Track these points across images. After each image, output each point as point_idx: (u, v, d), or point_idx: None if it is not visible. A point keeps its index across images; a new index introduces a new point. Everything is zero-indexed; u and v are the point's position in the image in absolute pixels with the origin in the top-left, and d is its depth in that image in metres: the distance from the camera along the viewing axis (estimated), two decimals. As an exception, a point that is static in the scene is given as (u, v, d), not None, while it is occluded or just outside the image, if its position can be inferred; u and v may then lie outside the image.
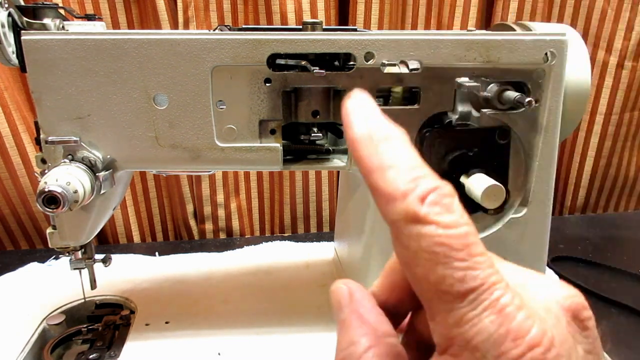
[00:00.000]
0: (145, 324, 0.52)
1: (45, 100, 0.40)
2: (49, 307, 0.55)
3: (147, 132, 0.42)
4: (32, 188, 0.82)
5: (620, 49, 0.91)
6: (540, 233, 0.49)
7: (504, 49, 0.42)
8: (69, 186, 0.38)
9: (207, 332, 0.51)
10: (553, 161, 0.47)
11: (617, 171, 1.03)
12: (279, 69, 0.42)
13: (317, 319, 0.53)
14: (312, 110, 0.43)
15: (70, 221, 0.44)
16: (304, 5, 0.80)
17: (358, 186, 0.51)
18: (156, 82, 0.41)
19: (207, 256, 0.69)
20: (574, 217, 1.01)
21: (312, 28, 0.42)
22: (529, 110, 0.44)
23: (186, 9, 0.79)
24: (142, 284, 0.60)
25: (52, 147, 0.41)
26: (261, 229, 0.98)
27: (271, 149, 0.43)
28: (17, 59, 0.40)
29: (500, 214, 0.48)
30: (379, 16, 0.85)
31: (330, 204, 0.95)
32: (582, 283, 0.69)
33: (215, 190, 0.90)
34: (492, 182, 0.43)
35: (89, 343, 0.51)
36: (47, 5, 0.41)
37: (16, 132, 0.79)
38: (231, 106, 0.42)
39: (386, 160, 0.19)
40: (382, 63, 0.41)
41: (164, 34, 0.40)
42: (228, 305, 0.56)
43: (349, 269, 0.57)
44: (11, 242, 0.88)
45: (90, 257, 0.48)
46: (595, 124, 0.98)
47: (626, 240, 0.87)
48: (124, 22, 0.81)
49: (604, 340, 0.22)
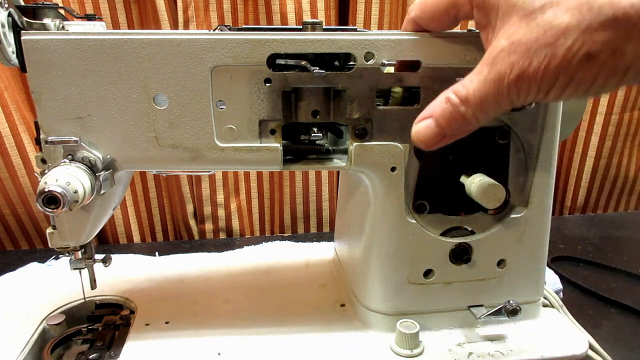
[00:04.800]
0: (145, 324, 0.52)
1: (45, 100, 0.40)
2: (49, 307, 0.55)
3: (147, 132, 0.42)
4: (32, 188, 0.82)
5: (620, 49, 0.91)
6: (540, 233, 0.49)
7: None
8: (69, 186, 0.38)
9: (207, 332, 0.51)
10: (553, 161, 0.47)
11: (617, 171, 1.03)
12: (279, 69, 0.42)
13: (317, 319, 0.53)
14: (312, 110, 0.43)
15: (70, 221, 0.44)
16: (304, 5, 0.80)
17: (358, 186, 0.51)
18: (156, 82, 0.41)
19: (207, 256, 0.69)
20: (574, 217, 1.01)
21: (312, 28, 0.42)
22: (529, 110, 0.44)
23: (186, 9, 0.79)
24: (142, 284, 0.60)
25: (52, 147, 0.41)
26: (261, 229, 0.98)
27: (271, 149, 0.43)
28: (17, 59, 0.40)
29: (500, 214, 0.48)
30: (379, 16, 0.85)
31: (330, 204, 0.95)
32: (582, 283, 0.69)
33: (215, 190, 0.90)
34: (492, 182, 0.44)
35: (89, 343, 0.51)
36: (47, 5, 0.41)
37: (16, 132, 0.79)
38: (231, 106, 0.42)
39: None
40: (382, 63, 0.41)
41: (164, 34, 0.40)
42: (228, 305, 0.56)
43: (349, 269, 0.57)
44: (11, 242, 0.88)
45: (90, 257, 0.48)
46: (595, 124, 0.98)
47: (626, 240, 0.87)
48: (124, 22, 0.81)
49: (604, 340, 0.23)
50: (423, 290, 0.49)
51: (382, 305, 0.50)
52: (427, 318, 0.50)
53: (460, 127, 0.35)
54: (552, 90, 0.31)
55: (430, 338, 0.49)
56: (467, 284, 0.50)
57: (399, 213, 0.47)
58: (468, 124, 0.34)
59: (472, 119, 0.34)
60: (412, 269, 0.49)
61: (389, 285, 0.49)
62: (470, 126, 0.35)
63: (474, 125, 0.35)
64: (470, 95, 0.33)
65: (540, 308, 0.53)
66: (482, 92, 0.33)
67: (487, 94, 0.32)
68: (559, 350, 0.47)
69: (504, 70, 0.31)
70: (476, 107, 0.33)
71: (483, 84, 0.32)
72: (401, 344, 0.47)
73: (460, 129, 0.35)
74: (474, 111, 0.33)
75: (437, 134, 0.35)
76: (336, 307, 0.56)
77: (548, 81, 0.30)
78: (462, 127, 0.35)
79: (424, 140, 0.36)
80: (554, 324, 0.52)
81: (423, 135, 0.36)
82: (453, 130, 0.35)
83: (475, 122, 0.34)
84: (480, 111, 0.33)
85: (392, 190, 0.46)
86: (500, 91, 0.32)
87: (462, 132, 0.35)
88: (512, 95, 0.32)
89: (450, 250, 0.48)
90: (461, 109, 0.34)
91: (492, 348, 0.48)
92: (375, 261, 0.49)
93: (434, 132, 0.35)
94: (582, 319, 0.53)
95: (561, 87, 0.30)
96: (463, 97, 0.33)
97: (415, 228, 0.47)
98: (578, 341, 0.49)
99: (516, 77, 0.31)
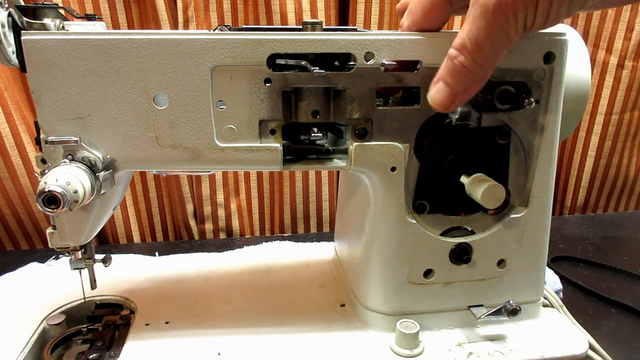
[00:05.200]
0: (145, 324, 0.52)
1: (45, 100, 0.40)
2: (49, 307, 0.55)
3: (147, 132, 0.42)
4: (32, 188, 0.82)
5: (621, 49, 0.91)
6: (540, 233, 0.49)
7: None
8: (69, 186, 0.38)
9: (207, 332, 0.51)
10: (553, 161, 0.47)
11: (617, 171, 1.03)
12: (279, 69, 0.42)
13: (317, 319, 0.53)
14: (312, 110, 0.43)
15: (70, 221, 0.44)
16: (304, 5, 0.80)
17: (358, 186, 0.51)
18: (156, 82, 0.41)
19: (207, 256, 0.69)
20: (574, 217, 1.01)
21: (312, 28, 0.42)
22: (529, 110, 0.44)
23: (186, 9, 0.79)
24: (142, 284, 0.60)
25: (52, 147, 0.41)
26: (261, 229, 0.98)
27: (271, 149, 0.43)
28: (17, 59, 0.40)
29: (500, 214, 0.48)
30: (379, 16, 0.85)
31: (330, 204, 0.95)
32: (582, 283, 0.69)
33: (215, 190, 0.90)
34: (492, 182, 0.44)
35: (89, 343, 0.51)
36: (47, 5, 0.41)
37: (16, 132, 0.79)
38: (231, 106, 0.42)
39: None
40: (382, 63, 0.41)
41: (164, 34, 0.40)
42: (228, 305, 0.56)
43: (349, 269, 0.57)
44: (11, 242, 0.88)
45: (90, 257, 0.48)
46: (595, 124, 0.98)
47: (626, 240, 0.87)
48: (124, 22, 0.81)
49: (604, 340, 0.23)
50: (423, 290, 0.49)
51: (382, 305, 0.50)
52: (427, 318, 0.50)
53: (466, 78, 0.35)
54: (539, 3, 0.31)
55: (430, 338, 0.49)
56: (467, 284, 0.50)
57: (399, 213, 0.47)
58: (471, 73, 0.35)
59: (472, 65, 0.34)
60: (412, 269, 0.49)
61: (389, 285, 0.49)
62: (475, 75, 0.35)
63: (479, 74, 0.35)
64: (464, 40, 0.34)
65: (540, 308, 0.53)
66: (474, 31, 0.33)
67: (479, 32, 0.33)
68: (559, 350, 0.47)
69: (485, 1, 0.32)
70: (473, 50, 0.34)
71: (472, 23, 0.33)
72: (401, 344, 0.47)
73: (467, 81, 0.36)
74: (472, 56, 0.34)
75: (449, 94, 0.36)
76: (336, 307, 0.56)
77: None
78: (467, 78, 0.35)
79: (439, 103, 0.37)
80: (554, 324, 0.52)
81: (437, 98, 0.37)
82: (461, 85, 0.36)
83: (478, 68, 0.35)
84: (477, 53, 0.34)
85: (392, 190, 0.46)
86: (489, 23, 0.33)
87: (471, 86, 0.36)
88: (500, 22, 0.33)
89: (450, 250, 0.48)
90: (460, 60, 0.35)
91: (492, 348, 0.48)
92: (375, 261, 0.49)
93: (445, 93, 0.36)
94: (582, 319, 0.53)
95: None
96: (459, 45, 0.34)
97: (415, 228, 0.47)
98: (578, 341, 0.49)
99: (498, 1, 0.32)
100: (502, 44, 0.34)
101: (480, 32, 0.33)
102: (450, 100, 0.37)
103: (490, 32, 0.33)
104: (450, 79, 0.36)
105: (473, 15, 0.33)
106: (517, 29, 0.33)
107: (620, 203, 1.07)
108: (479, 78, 0.36)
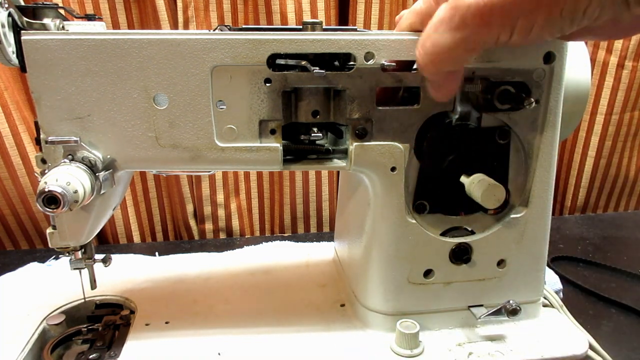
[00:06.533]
0: (145, 324, 0.52)
1: (45, 100, 0.40)
2: (49, 307, 0.55)
3: (147, 132, 0.42)
4: (32, 188, 0.82)
5: (621, 49, 0.91)
6: (540, 233, 0.49)
7: (504, 49, 0.42)
8: (69, 186, 0.38)
9: (207, 332, 0.51)
10: (553, 161, 0.47)
11: (617, 171, 1.03)
12: (279, 69, 0.42)
13: (317, 319, 0.53)
14: (312, 110, 0.43)
15: (70, 221, 0.44)
16: (304, 5, 0.80)
17: (358, 186, 0.51)
18: (156, 82, 0.41)
19: (207, 256, 0.69)
20: (574, 217, 1.01)
21: (312, 28, 0.42)
22: (529, 110, 0.44)
23: (186, 9, 0.79)
24: (142, 284, 0.60)
25: (52, 147, 0.41)
26: (261, 229, 0.98)
27: (271, 149, 0.43)
28: (17, 59, 0.40)
29: (500, 214, 0.48)
30: (379, 16, 0.85)
31: (330, 204, 0.95)
32: (582, 283, 0.69)
33: (215, 190, 0.90)
34: (492, 182, 0.44)
35: (89, 343, 0.51)
36: (47, 5, 0.41)
37: (16, 132, 0.79)
38: (231, 106, 0.42)
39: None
40: (382, 63, 0.41)
41: (164, 34, 0.40)
42: (228, 305, 0.56)
43: (349, 269, 0.57)
44: (11, 242, 0.88)
45: (90, 257, 0.48)
46: (595, 124, 0.98)
47: (626, 240, 0.87)
48: (124, 22, 0.81)
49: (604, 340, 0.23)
50: (423, 290, 0.49)
51: (382, 305, 0.50)
52: (427, 318, 0.50)
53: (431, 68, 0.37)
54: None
55: (430, 338, 0.49)
56: (467, 284, 0.50)
57: (399, 213, 0.47)
58: (427, 64, 0.36)
59: (422, 58, 0.36)
60: (412, 269, 0.49)
61: (389, 285, 0.49)
62: (433, 65, 0.36)
63: (434, 62, 0.36)
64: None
65: (540, 308, 0.53)
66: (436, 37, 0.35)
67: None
68: (559, 350, 0.47)
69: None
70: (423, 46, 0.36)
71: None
72: (401, 344, 0.47)
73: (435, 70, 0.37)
74: (424, 50, 0.35)
75: (432, 87, 0.40)
76: (336, 307, 0.56)
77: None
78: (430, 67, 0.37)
79: (435, 96, 0.40)
80: (554, 324, 0.52)
81: (432, 93, 0.40)
82: (433, 75, 0.38)
83: (426, 58, 0.36)
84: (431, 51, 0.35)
85: (392, 190, 0.46)
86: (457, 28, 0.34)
87: (447, 76, 0.38)
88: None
89: (450, 250, 0.48)
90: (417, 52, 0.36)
91: (492, 348, 0.48)
92: (375, 261, 0.49)
93: (431, 87, 0.40)
94: (582, 319, 0.53)
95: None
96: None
97: (415, 228, 0.47)
98: (578, 341, 0.49)
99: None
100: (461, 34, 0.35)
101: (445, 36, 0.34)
102: (438, 92, 0.40)
103: (454, 38, 0.34)
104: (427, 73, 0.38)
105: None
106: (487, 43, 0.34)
107: (620, 203, 1.07)
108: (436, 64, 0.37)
